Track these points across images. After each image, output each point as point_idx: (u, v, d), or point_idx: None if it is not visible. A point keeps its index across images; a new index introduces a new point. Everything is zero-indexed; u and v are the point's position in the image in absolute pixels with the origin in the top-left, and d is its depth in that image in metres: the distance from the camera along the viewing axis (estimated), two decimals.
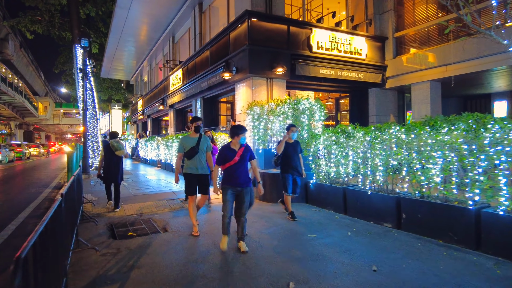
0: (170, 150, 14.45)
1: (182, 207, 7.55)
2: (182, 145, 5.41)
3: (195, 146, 5.32)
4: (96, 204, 7.79)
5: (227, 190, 4.58)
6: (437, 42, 10.35)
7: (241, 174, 4.53)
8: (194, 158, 5.35)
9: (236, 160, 4.49)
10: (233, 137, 4.59)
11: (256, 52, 9.15)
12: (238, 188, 4.55)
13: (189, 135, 5.50)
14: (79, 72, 13.42)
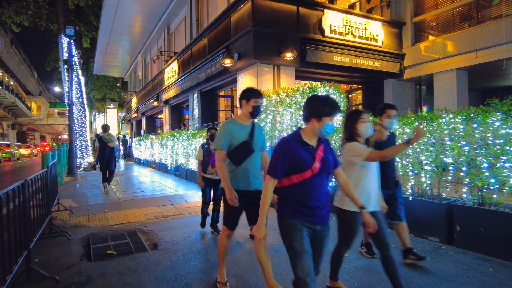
0: (165, 149, 13.25)
1: (176, 216, 6.35)
2: (228, 136, 3.01)
3: (248, 139, 3.03)
4: (76, 212, 6.58)
5: (297, 227, 2.24)
6: (465, 26, 9.20)
7: (321, 196, 2.29)
8: (247, 163, 3.06)
9: (316, 170, 2.21)
10: (309, 118, 2.22)
11: (261, 34, 7.97)
12: (317, 225, 2.30)
13: (236, 120, 3.13)
14: (64, 64, 12.20)
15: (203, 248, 4.44)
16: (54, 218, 5.99)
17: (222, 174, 3.02)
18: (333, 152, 2.37)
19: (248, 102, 3.04)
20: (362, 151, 2.75)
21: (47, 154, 6.48)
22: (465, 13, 9.37)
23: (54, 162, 5.85)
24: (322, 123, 2.15)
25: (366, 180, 2.84)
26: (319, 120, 2.16)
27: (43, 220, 4.35)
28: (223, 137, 3.02)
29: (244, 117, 3.11)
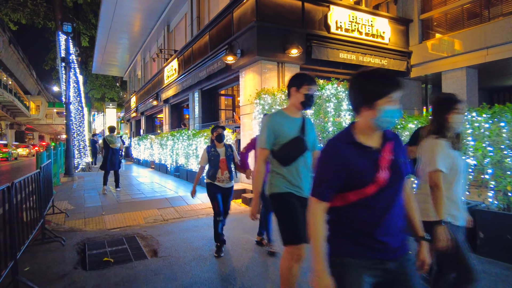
0: (165, 150, 12.95)
1: (177, 219, 6.05)
2: (273, 131, 2.51)
3: (299, 136, 2.52)
4: (71, 215, 6.27)
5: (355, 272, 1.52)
6: (475, 22, 8.91)
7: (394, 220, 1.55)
8: (298, 163, 2.54)
9: (383, 181, 1.50)
10: (358, 109, 1.58)
11: (265, 30, 7.67)
12: (390, 263, 1.53)
13: (284, 112, 2.63)
14: (62, 62, 11.87)
15: (207, 256, 4.14)
16: (48, 222, 5.69)
17: (258, 180, 2.55)
18: (404, 153, 1.64)
19: (299, 89, 2.51)
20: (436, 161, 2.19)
21: (41, 154, 6.17)
22: (475, 10, 9.08)
23: (49, 163, 5.55)
24: (377, 110, 1.49)
25: (456, 187, 2.28)
26: (370, 107, 1.50)
27: (34, 225, 4.05)
28: (267, 132, 2.49)
29: (293, 108, 2.59)
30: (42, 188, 4.47)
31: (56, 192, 8.53)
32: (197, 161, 9.52)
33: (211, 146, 4.41)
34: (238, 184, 8.36)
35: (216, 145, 4.37)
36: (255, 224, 5.65)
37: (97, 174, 13.49)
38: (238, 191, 7.59)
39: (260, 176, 2.56)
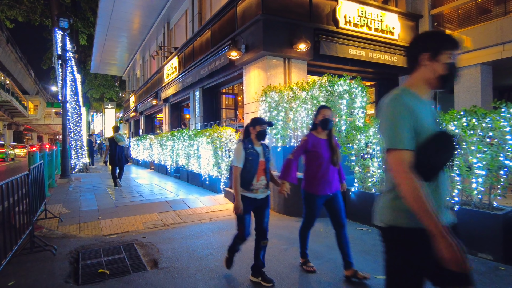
0: (164, 150, 12.54)
1: (178, 225, 5.64)
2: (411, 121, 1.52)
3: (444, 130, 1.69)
4: (66, 220, 5.86)
5: None
6: (490, 17, 8.53)
7: None
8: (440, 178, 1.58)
9: None
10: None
11: (271, 23, 7.27)
12: None
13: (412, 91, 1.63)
14: (58, 59, 11.46)
15: (213, 267, 3.73)
16: (40, 227, 5.28)
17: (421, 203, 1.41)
18: None
19: (437, 56, 1.58)
20: None
21: (34, 154, 5.76)
22: (490, 4, 8.70)
23: (41, 164, 5.13)
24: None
25: None
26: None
27: (21, 233, 3.64)
28: (403, 123, 1.51)
29: (423, 85, 1.64)
30: (31, 192, 4.06)
31: (50, 195, 8.12)
32: (198, 162, 9.11)
33: (248, 142, 3.33)
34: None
35: (253, 142, 3.36)
36: None
37: (94, 175, 13.08)
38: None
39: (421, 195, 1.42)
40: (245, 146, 3.29)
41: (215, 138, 7.72)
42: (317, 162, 3.36)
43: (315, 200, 3.42)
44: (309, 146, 3.38)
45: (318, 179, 3.37)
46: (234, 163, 3.28)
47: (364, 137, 5.23)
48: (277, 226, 5.41)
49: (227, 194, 7.47)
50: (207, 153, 8.21)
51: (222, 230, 5.26)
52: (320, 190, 3.38)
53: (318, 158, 3.35)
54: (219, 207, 6.84)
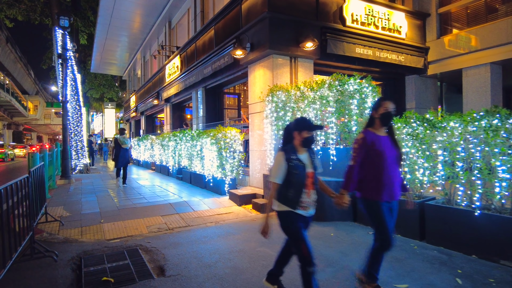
0: (166, 151, 12.36)
1: (183, 228, 5.46)
2: None
3: None
4: (67, 223, 5.68)
5: None
6: (500, 15, 8.35)
7: None
8: None
9: None
10: None
11: (278, 21, 7.09)
12: None
13: None
14: (59, 59, 11.28)
15: (223, 275, 3.55)
16: (40, 231, 5.10)
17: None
18: None
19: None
20: None
21: (34, 155, 5.58)
22: (499, 2, 8.52)
23: (41, 166, 4.95)
24: None
25: None
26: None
27: (21, 240, 3.46)
28: None
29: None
30: (31, 195, 3.88)
31: (51, 197, 7.94)
32: (202, 163, 8.93)
33: (290, 150, 2.70)
34: (246, 188, 7.79)
35: (298, 150, 2.71)
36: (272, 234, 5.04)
37: (95, 176, 12.89)
38: (248, 196, 7.02)
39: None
40: (287, 156, 2.63)
41: (220, 139, 7.55)
42: (380, 163, 2.82)
43: (381, 208, 2.83)
44: (368, 144, 2.87)
45: (383, 183, 2.82)
46: (273, 178, 2.68)
47: None
48: None
49: (232, 196, 7.29)
50: (211, 154, 8.03)
51: (229, 234, 5.09)
52: (385, 196, 2.83)
53: (381, 158, 2.82)
54: (224, 210, 6.66)
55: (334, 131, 5.63)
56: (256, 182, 7.78)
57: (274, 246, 4.43)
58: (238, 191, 7.27)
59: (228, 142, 7.51)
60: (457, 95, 11.03)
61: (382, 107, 2.90)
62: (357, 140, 2.93)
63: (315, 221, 5.62)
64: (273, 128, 6.77)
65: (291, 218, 2.67)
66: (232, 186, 7.82)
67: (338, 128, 5.59)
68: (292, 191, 2.64)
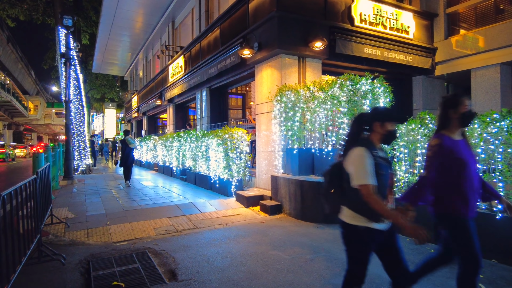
0: (170, 151, 12.25)
1: (191, 230, 5.34)
2: None
3: None
4: (72, 225, 5.56)
5: None
6: (510, 16, 8.25)
7: None
8: None
9: None
10: None
11: (286, 21, 7.00)
12: None
13: None
14: (62, 58, 11.18)
15: (237, 279, 3.44)
16: (46, 233, 4.99)
17: None
18: None
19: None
20: None
21: (39, 156, 5.48)
22: (508, 2, 8.42)
23: (47, 166, 4.85)
24: None
25: None
26: None
27: (29, 243, 3.35)
28: None
29: None
30: (39, 197, 3.77)
31: (55, 198, 7.83)
32: (207, 164, 8.81)
33: (370, 146, 2.18)
34: (253, 190, 7.69)
35: (376, 147, 2.25)
36: (283, 237, 4.99)
37: (98, 177, 12.78)
38: (255, 198, 6.91)
39: None
40: (369, 153, 2.13)
41: (227, 140, 7.44)
42: (463, 173, 2.36)
43: (468, 225, 2.37)
44: (446, 152, 2.40)
45: (468, 197, 2.36)
46: (362, 179, 2.08)
47: None
48: (297, 233, 5.13)
49: (239, 198, 7.18)
50: (217, 154, 7.93)
51: (238, 237, 4.97)
52: (471, 211, 2.38)
53: (463, 168, 2.36)
54: (232, 211, 6.55)
55: (345, 132, 5.52)
56: (263, 184, 7.67)
57: (286, 249, 4.33)
58: (245, 193, 7.16)
59: (235, 142, 7.40)
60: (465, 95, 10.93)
61: (462, 105, 2.41)
62: (431, 147, 2.48)
63: (326, 223, 5.52)
64: (281, 128, 6.67)
65: (370, 236, 2.15)
66: (239, 187, 7.71)
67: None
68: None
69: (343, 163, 2.26)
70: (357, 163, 2.12)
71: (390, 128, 2.20)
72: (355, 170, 2.13)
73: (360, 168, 2.10)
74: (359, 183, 2.10)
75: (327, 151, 5.94)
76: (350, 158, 2.17)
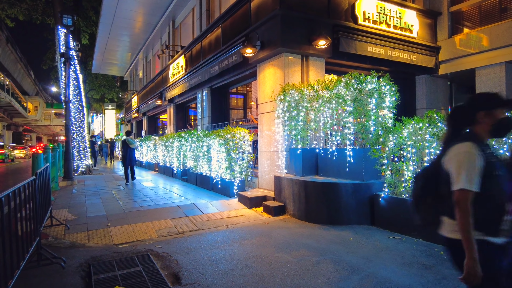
0: (170, 151, 12.15)
1: (194, 232, 5.24)
2: None
3: None
4: (72, 227, 5.46)
5: None
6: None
7: None
8: None
9: None
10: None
11: (290, 19, 6.89)
12: None
13: None
14: (61, 58, 11.06)
15: (243, 283, 3.33)
16: (45, 236, 4.88)
17: None
18: None
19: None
20: None
21: (38, 156, 5.37)
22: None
23: (46, 167, 4.74)
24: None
25: None
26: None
27: (28, 247, 3.24)
28: None
29: None
30: (38, 198, 3.66)
31: (54, 199, 7.72)
32: (209, 164, 8.70)
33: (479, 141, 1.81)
34: (256, 190, 7.58)
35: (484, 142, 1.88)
36: (288, 238, 4.87)
37: (98, 177, 12.67)
38: (258, 198, 6.80)
39: None
40: (481, 149, 1.75)
41: (229, 140, 7.33)
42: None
43: None
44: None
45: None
46: (462, 183, 1.71)
47: (396, 138, 4.85)
48: (302, 234, 5.02)
49: (241, 198, 7.07)
50: (219, 155, 7.82)
51: (242, 239, 4.87)
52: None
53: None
54: (234, 212, 6.44)
55: (351, 131, 5.42)
56: (266, 184, 7.57)
57: (292, 251, 4.23)
58: (247, 193, 7.05)
59: (237, 142, 7.30)
60: (467, 95, 10.83)
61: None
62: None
63: (331, 224, 5.42)
64: (285, 128, 6.57)
65: (487, 252, 1.72)
66: (241, 188, 7.60)
67: (355, 128, 5.38)
68: (491, 205, 1.72)
69: (441, 163, 1.87)
70: (461, 162, 1.74)
71: (501, 116, 1.80)
72: (456, 169, 1.75)
73: (464, 168, 1.72)
74: (458, 187, 1.72)
75: (331, 151, 5.84)
76: (452, 156, 1.79)
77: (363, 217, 5.34)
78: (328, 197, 5.40)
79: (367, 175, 5.37)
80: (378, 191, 5.21)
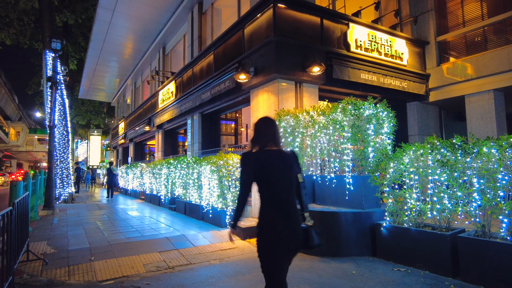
0: (158, 179, 11.74)
1: (185, 267, 4.85)
2: None
3: None
4: (51, 262, 4.99)
5: None
6: (500, 43, 8.40)
7: None
8: None
9: None
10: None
11: (284, 46, 6.89)
12: None
13: None
14: (48, 82, 10.78)
15: None
16: (20, 272, 4.42)
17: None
18: None
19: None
20: None
21: (17, 184, 4.98)
22: (497, 31, 8.61)
23: (26, 196, 4.36)
24: None
25: None
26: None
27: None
28: None
29: None
30: (14, 232, 3.30)
31: (32, 230, 7.19)
32: (199, 192, 8.36)
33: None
34: (249, 220, 7.26)
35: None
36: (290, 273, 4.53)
37: (81, 206, 12.08)
38: (252, 229, 6.47)
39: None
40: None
41: (221, 166, 7.07)
42: None
43: None
44: None
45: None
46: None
47: (397, 165, 4.70)
48: (301, 268, 4.71)
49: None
50: (210, 182, 7.52)
51: (238, 274, 4.52)
52: None
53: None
54: (228, 244, 6.08)
55: (349, 158, 5.26)
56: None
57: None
58: (241, 223, 6.65)
59: (230, 169, 7.04)
60: (456, 122, 10.98)
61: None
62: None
63: (331, 256, 5.13)
64: None
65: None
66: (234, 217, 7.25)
67: (353, 154, 5.23)
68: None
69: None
70: None
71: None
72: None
73: None
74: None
75: (329, 178, 5.64)
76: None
77: (364, 248, 5.08)
78: (327, 227, 5.14)
79: (367, 203, 5.17)
80: (379, 220, 5.00)
